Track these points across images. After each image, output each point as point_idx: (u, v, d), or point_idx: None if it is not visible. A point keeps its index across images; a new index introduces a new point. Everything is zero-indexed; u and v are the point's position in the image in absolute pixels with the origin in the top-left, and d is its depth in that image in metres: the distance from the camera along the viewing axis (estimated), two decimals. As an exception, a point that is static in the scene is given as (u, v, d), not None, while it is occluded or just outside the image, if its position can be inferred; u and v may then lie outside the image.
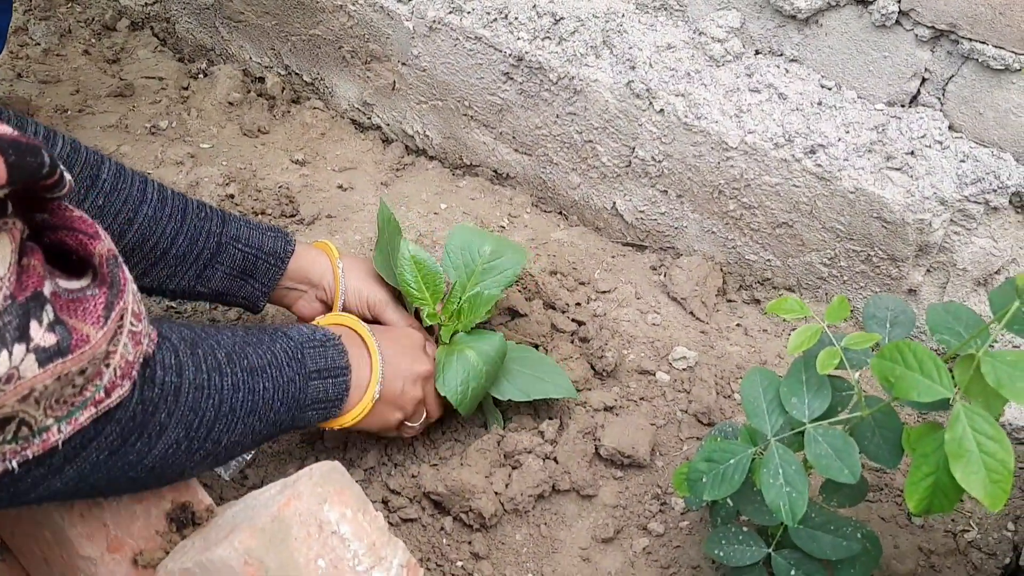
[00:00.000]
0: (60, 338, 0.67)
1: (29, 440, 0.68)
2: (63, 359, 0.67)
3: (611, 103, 1.34)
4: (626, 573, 1.10)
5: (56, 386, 0.67)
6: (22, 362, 0.64)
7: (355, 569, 0.83)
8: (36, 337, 0.65)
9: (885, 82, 1.26)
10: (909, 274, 1.26)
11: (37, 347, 0.65)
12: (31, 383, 0.65)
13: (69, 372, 0.68)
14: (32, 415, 0.67)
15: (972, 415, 0.73)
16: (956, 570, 1.11)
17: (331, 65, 1.64)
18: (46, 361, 0.66)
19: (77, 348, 0.68)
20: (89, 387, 0.71)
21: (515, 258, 1.21)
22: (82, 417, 0.71)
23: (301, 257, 1.17)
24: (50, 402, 0.68)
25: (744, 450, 0.90)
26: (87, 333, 0.69)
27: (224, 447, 0.88)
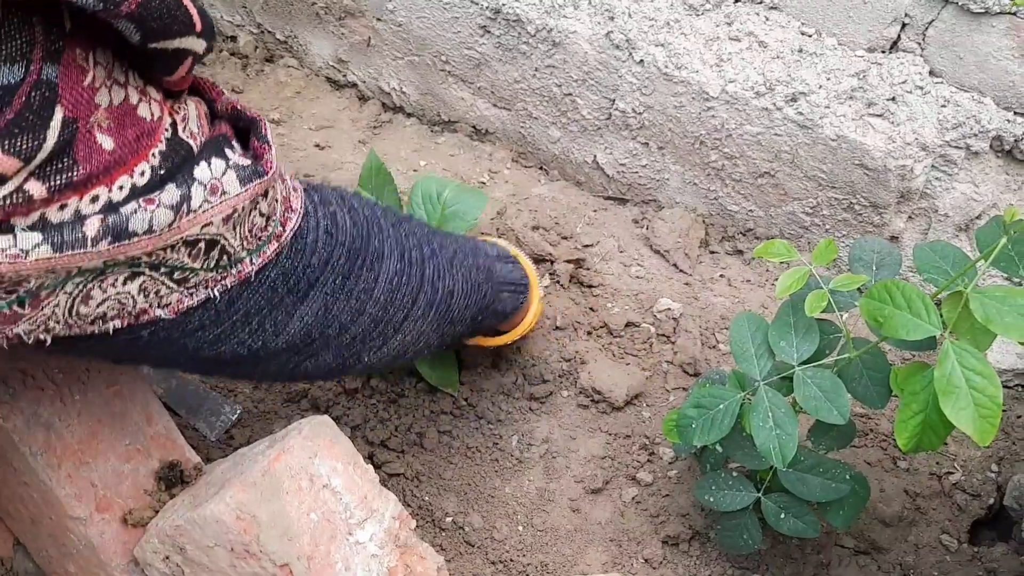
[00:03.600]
0: (252, 160, 0.70)
1: (227, 270, 0.71)
2: (260, 179, 0.69)
3: (590, 55, 1.33)
4: (616, 523, 1.11)
5: (250, 209, 0.70)
6: (223, 175, 0.66)
7: (347, 522, 0.83)
8: (232, 156, 0.68)
9: (865, 28, 1.25)
10: (891, 221, 1.26)
11: (236, 164, 0.68)
12: (235, 201, 0.67)
13: (257, 197, 0.71)
14: (231, 243, 0.70)
15: (961, 352, 0.73)
16: (941, 511, 1.12)
17: (304, 22, 1.61)
18: (245, 180, 0.68)
19: (268, 169, 0.71)
20: (270, 222, 0.74)
21: (475, 201, 1.23)
22: (269, 250, 0.74)
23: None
24: (244, 231, 0.70)
25: (733, 395, 0.90)
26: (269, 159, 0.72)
27: (443, 296, 0.90)
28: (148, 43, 0.60)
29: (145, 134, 0.62)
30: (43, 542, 0.94)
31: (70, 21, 0.57)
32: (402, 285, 0.85)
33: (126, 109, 0.61)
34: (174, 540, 0.81)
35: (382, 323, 0.84)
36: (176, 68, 0.65)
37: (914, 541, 1.10)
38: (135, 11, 0.57)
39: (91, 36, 0.58)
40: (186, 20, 0.62)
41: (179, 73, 0.66)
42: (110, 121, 0.59)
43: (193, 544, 0.80)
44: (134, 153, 0.61)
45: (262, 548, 0.79)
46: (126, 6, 0.56)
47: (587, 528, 1.10)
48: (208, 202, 0.66)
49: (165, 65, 0.64)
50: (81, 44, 0.58)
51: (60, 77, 0.56)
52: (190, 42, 0.64)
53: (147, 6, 0.58)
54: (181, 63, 0.65)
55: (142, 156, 0.62)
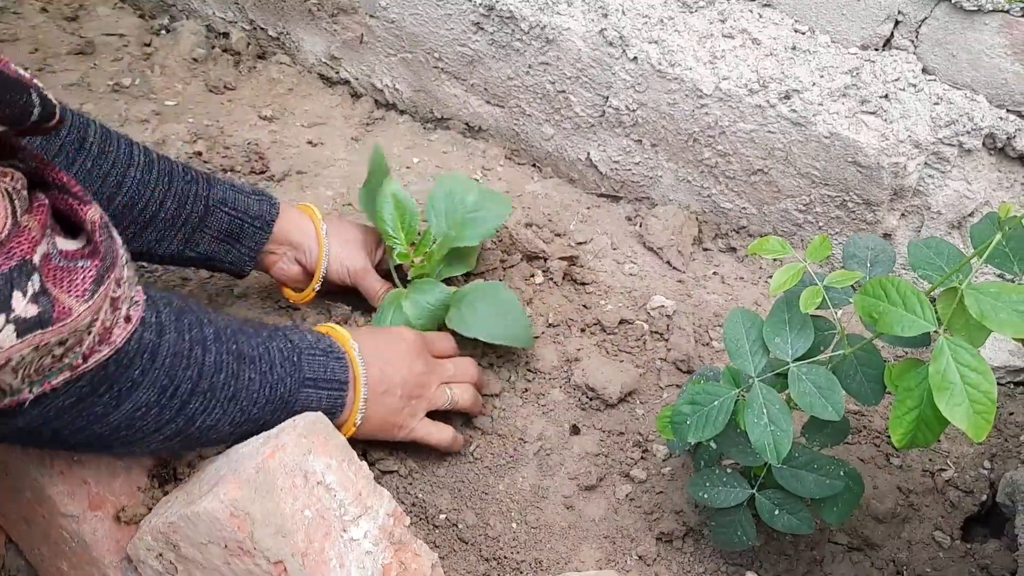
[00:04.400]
0: (42, 309, 0.66)
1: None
2: (43, 331, 0.66)
3: (584, 52, 1.33)
4: (610, 520, 1.10)
5: (34, 355, 0.67)
6: (0, 331, 0.63)
7: (342, 519, 0.82)
8: (17, 308, 0.64)
9: (859, 25, 1.25)
10: (884, 218, 1.26)
11: (17, 318, 0.64)
12: (8, 353, 0.64)
13: (48, 342, 0.67)
14: (8, 383, 0.66)
15: (956, 348, 0.73)
16: (934, 508, 1.13)
17: (297, 19, 1.61)
18: (25, 332, 0.65)
19: (59, 321, 0.67)
20: (68, 355, 0.70)
21: (498, 210, 1.20)
22: (56, 380, 0.70)
23: (284, 219, 1.15)
24: (28, 371, 0.67)
25: (728, 391, 0.90)
26: (69, 306, 0.68)
27: (198, 428, 0.84)
28: None
29: None
30: (36, 540, 0.94)
31: None
32: (148, 416, 0.80)
33: None
34: (168, 537, 0.81)
35: (107, 439, 0.79)
36: None
37: (907, 537, 1.10)
38: None
39: None
40: None
41: None
42: None
43: (187, 541, 0.80)
44: None
45: (256, 545, 0.78)
46: None
47: (581, 525, 1.10)
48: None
49: None
50: None
51: None
52: None
53: None
54: None
55: None
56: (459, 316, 1.14)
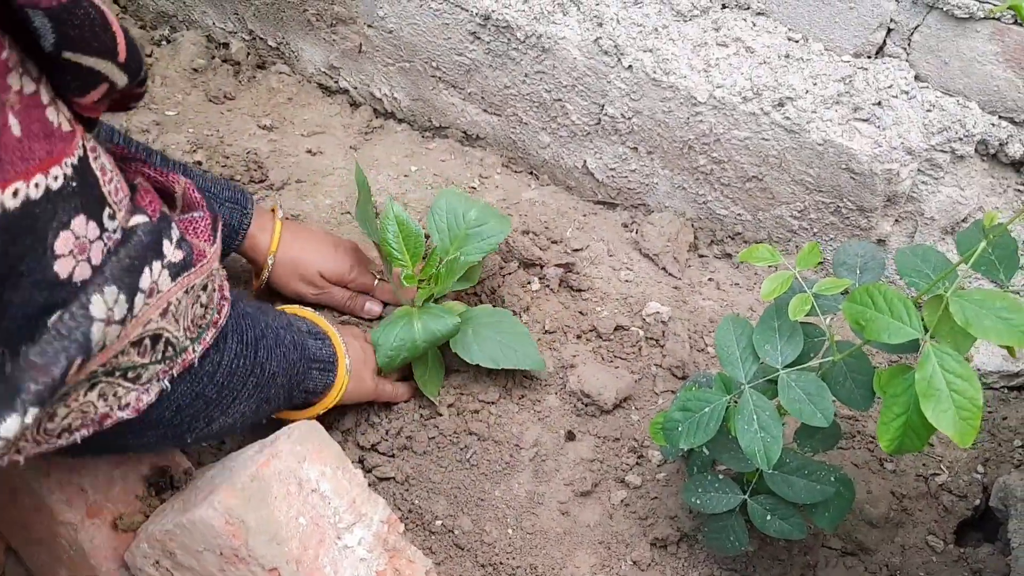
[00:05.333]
0: (185, 253, 0.74)
1: (173, 360, 0.74)
2: (187, 273, 0.74)
3: (579, 61, 1.34)
4: (605, 525, 1.11)
5: (187, 301, 0.74)
6: (159, 276, 0.70)
7: (336, 526, 0.83)
8: (168, 254, 0.72)
9: (851, 33, 1.26)
10: (878, 224, 1.27)
11: (169, 263, 0.72)
12: (167, 296, 0.71)
13: (194, 285, 0.75)
14: (174, 334, 0.73)
15: (941, 355, 0.74)
16: (928, 512, 1.13)
17: (296, 29, 1.62)
18: (176, 275, 0.72)
19: (198, 261, 0.75)
20: (209, 308, 0.78)
21: (498, 226, 1.21)
22: (208, 336, 0.78)
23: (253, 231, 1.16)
24: (186, 322, 0.74)
25: (719, 398, 0.91)
26: (202, 248, 0.77)
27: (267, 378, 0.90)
28: (63, 50, 0.60)
29: (58, 138, 0.62)
30: (34, 548, 0.95)
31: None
32: (239, 368, 0.85)
33: (36, 103, 0.60)
34: (164, 545, 0.82)
35: (212, 405, 0.83)
36: (88, 90, 0.64)
37: (901, 542, 1.10)
38: (56, 8, 0.57)
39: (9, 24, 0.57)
40: (109, 43, 0.62)
41: (90, 97, 0.65)
42: (21, 107, 0.59)
43: (183, 549, 0.81)
44: (47, 153, 0.60)
45: (251, 552, 0.79)
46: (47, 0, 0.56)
47: (576, 531, 1.11)
48: (146, 304, 0.69)
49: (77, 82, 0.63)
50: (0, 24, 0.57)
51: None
52: (108, 68, 0.64)
53: (70, 9, 0.58)
54: (95, 87, 0.64)
55: (55, 160, 0.61)
56: (464, 343, 1.16)
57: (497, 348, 1.17)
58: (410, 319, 1.14)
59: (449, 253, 1.19)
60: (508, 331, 1.19)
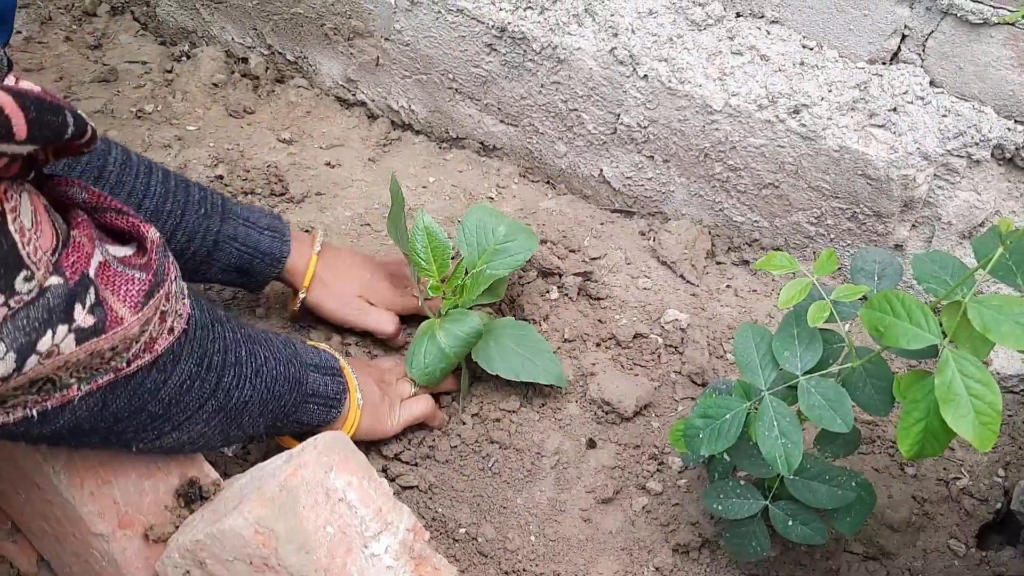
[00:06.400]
0: (97, 319, 0.72)
1: (50, 393, 0.72)
2: (97, 338, 0.72)
3: (595, 71, 1.35)
4: (627, 532, 1.12)
5: (88, 359, 0.72)
6: (63, 341, 0.69)
7: (363, 535, 0.85)
8: (78, 319, 0.70)
9: (866, 40, 1.27)
10: (895, 230, 1.27)
11: (78, 328, 0.70)
12: (67, 358, 0.70)
13: (101, 348, 0.73)
14: (61, 377, 0.72)
15: (960, 360, 0.75)
16: (949, 517, 1.14)
17: (314, 43, 1.64)
18: (83, 340, 0.70)
19: (111, 329, 0.73)
20: (116, 359, 0.75)
21: (527, 243, 1.23)
22: (102, 380, 0.75)
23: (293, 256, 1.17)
24: (78, 370, 0.73)
25: (739, 404, 0.91)
26: (122, 315, 0.74)
27: (235, 405, 0.89)
28: None
29: None
30: (66, 559, 0.96)
31: None
32: (192, 390, 0.84)
33: None
34: (195, 555, 0.83)
35: (159, 419, 0.83)
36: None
37: (922, 546, 1.11)
38: None
39: None
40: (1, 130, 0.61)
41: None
42: None
43: (213, 558, 0.82)
44: None
45: (280, 561, 0.81)
46: None
47: (598, 537, 1.12)
48: (40, 364, 0.68)
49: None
50: None
51: None
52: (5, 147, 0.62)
53: None
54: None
55: None
56: (486, 354, 1.18)
57: (518, 360, 1.18)
58: (432, 331, 1.16)
59: (476, 267, 1.21)
60: (529, 344, 1.20)
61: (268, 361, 0.93)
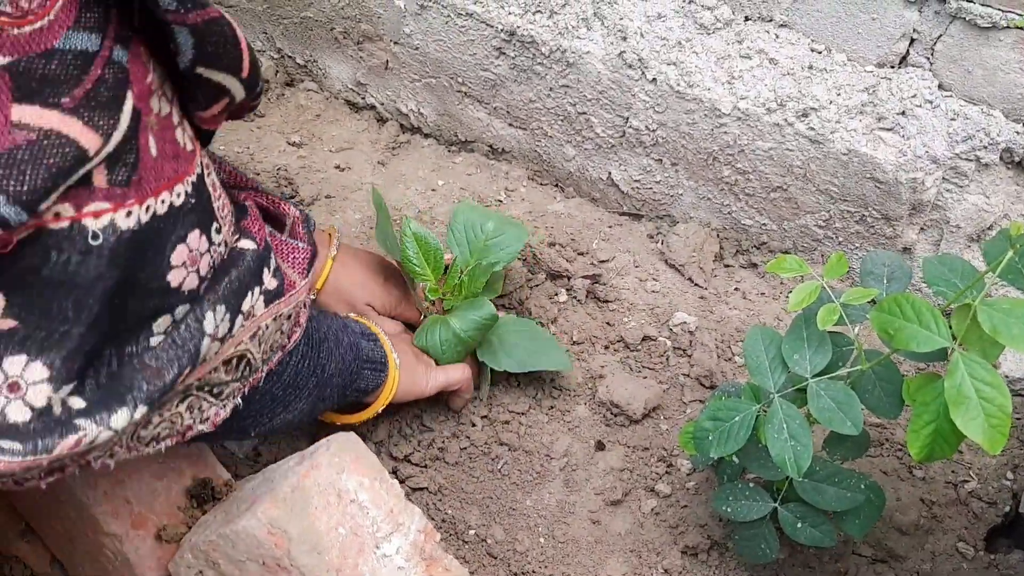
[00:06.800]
0: (278, 282, 0.78)
1: (247, 379, 0.78)
2: (278, 301, 0.78)
3: (604, 74, 1.36)
4: (635, 534, 1.12)
5: (273, 327, 0.78)
6: (257, 301, 0.75)
7: (375, 536, 0.85)
8: (266, 281, 0.76)
9: (874, 44, 1.27)
10: (903, 233, 1.28)
11: (266, 290, 0.76)
12: (258, 321, 0.75)
13: (281, 314, 0.78)
14: (254, 355, 0.77)
15: (970, 363, 0.75)
16: (957, 519, 1.14)
17: (324, 47, 1.65)
18: (269, 301, 0.76)
19: (287, 291, 0.79)
20: (281, 335, 0.81)
21: (516, 235, 1.23)
22: (275, 359, 0.81)
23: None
24: (265, 346, 0.78)
25: (748, 407, 0.92)
26: (293, 280, 0.81)
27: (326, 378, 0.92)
28: (197, 65, 0.64)
29: (182, 159, 0.66)
30: (80, 559, 0.97)
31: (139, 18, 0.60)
32: (304, 369, 0.88)
33: (168, 124, 0.65)
34: (207, 555, 0.84)
35: (278, 402, 0.86)
36: (211, 103, 0.69)
37: (931, 549, 1.11)
38: (200, 24, 0.61)
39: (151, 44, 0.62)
40: (236, 58, 0.67)
41: (212, 110, 0.69)
42: (158, 128, 0.63)
43: (226, 559, 0.83)
44: (174, 172, 0.65)
45: (293, 562, 0.81)
46: (194, 16, 0.61)
47: (607, 539, 1.12)
48: (242, 326, 0.73)
49: (204, 96, 0.68)
50: (145, 44, 0.61)
51: (130, 63, 0.59)
52: (232, 82, 0.68)
53: (210, 25, 0.63)
54: (217, 101, 0.69)
55: (179, 178, 0.66)
56: (491, 351, 1.18)
57: (523, 352, 1.18)
58: (445, 320, 1.16)
59: (470, 264, 1.21)
60: (533, 336, 1.21)
61: (338, 334, 0.96)
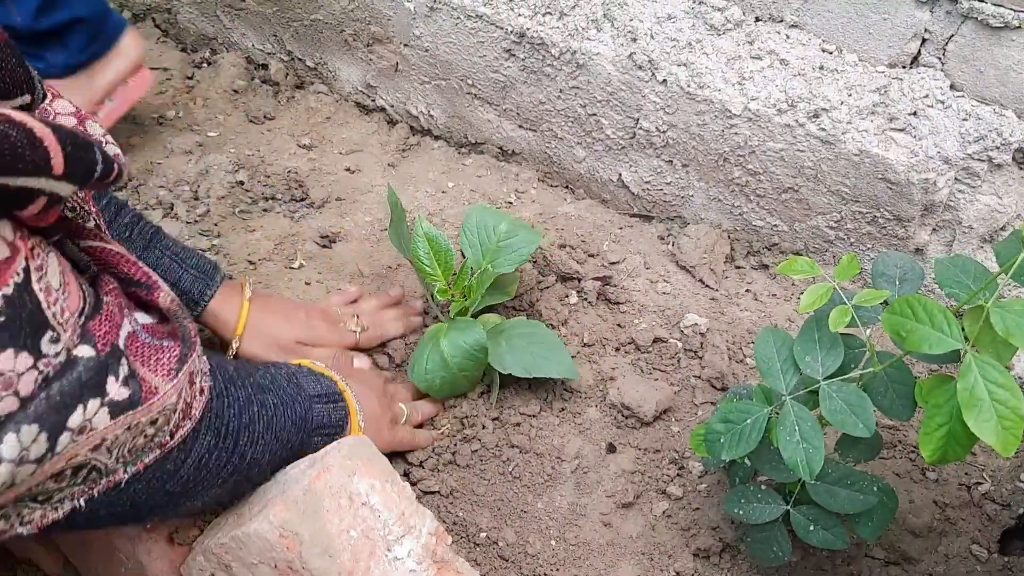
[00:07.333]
0: (132, 391, 0.70)
1: (96, 482, 0.71)
2: (133, 411, 0.70)
3: (614, 76, 1.35)
4: (647, 536, 1.12)
5: (127, 436, 0.71)
6: (95, 415, 0.67)
7: (386, 538, 0.85)
8: (111, 392, 0.68)
9: (886, 44, 1.27)
10: (915, 233, 1.27)
11: (111, 401, 0.68)
12: (102, 434, 0.68)
13: (140, 422, 0.71)
14: (103, 462, 0.70)
15: (983, 365, 0.75)
16: (971, 522, 1.13)
17: (333, 49, 1.65)
18: (117, 413, 0.69)
19: (146, 400, 0.71)
20: (158, 434, 0.74)
21: (529, 237, 1.23)
22: (148, 459, 0.74)
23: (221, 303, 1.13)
24: (122, 452, 0.71)
25: (760, 409, 0.92)
26: (156, 385, 0.73)
27: (247, 464, 0.86)
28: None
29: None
30: (92, 561, 0.98)
31: None
32: (212, 462, 0.82)
33: None
34: (220, 557, 0.84)
35: (178, 496, 0.81)
36: (25, 205, 0.62)
37: (944, 551, 1.10)
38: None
39: None
40: (38, 161, 0.60)
41: (30, 211, 0.63)
42: None
43: (238, 561, 0.83)
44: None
45: (304, 565, 0.81)
46: None
47: (619, 542, 1.12)
48: (74, 441, 0.66)
49: (12, 200, 0.61)
50: None
51: None
52: (43, 183, 0.61)
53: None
54: (33, 201, 0.62)
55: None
56: (498, 354, 1.18)
57: (529, 357, 1.18)
58: (437, 339, 1.16)
59: (481, 267, 1.21)
60: (541, 341, 1.20)
61: (277, 409, 0.91)
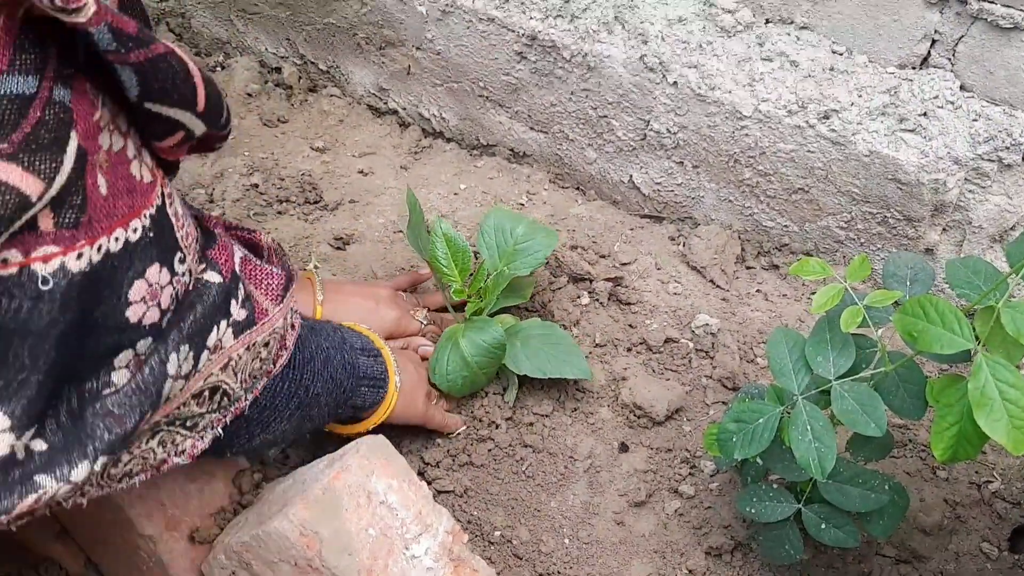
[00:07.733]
0: (248, 312, 0.77)
1: (227, 409, 0.78)
2: (250, 330, 0.77)
3: (625, 78, 1.36)
4: (659, 535, 1.13)
5: (247, 356, 0.78)
6: (224, 334, 0.74)
7: (404, 537, 0.86)
8: (234, 313, 0.75)
9: (896, 45, 1.27)
10: (926, 234, 1.28)
11: (234, 321, 0.75)
12: (228, 352, 0.75)
13: (255, 342, 0.78)
14: (231, 386, 0.77)
15: (994, 365, 0.75)
16: (981, 520, 1.14)
17: (346, 52, 1.67)
18: (239, 332, 0.76)
19: (260, 319, 0.79)
20: (266, 361, 0.81)
21: (546, 240, 1.24)
22: (259, 385, 0.82)
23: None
24: (243, 375, 0.78)
25: (772, 409, 0.93)
26: (266, 307, 0.80)
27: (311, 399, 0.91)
28: (144, 101, 0.62)
29: (138, 193, 0.64)
30: (113, 560, 0.99)
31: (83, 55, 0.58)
32: (283, 391, 0.87)
33: (122, 159, 0.63)
34: (240, 556, 0.86)
35: (254, 424, 0.86)
36: (165, 136, 0.67)
37: (955, 550, 1.11)
38: (143, 63, 0.59)
39: (99, 78, 0.60)
40: (188, 95, 0.65)
41: (167, 142, 0.68)
42: (109, 165, 0.61)
43: (259, 560, 0.84)
44: (128, 207, 0.63)
45: (324, 563, 0.83)
46: (135, 55, 0.58)
47: (631, 540, 1.13)
48: (209, 360, 0.73)
49: (155, 129, 0.66)
50: (91, 80, 0.59)
51: (73, 102, 0.57)
52: (186, 117, 0.66)
53: (155, 63, 0.60)
54: (172, 134, 0.67)
55: (135, 214, 0.64)
56: (512, 354, 1.19)
57: (544, 359, 1.20)
58: (456, 339, 1.17)
59: (498, 268, 1.22)
60: (556, 342, 1.22)
61: (329, 352, 0.96)
